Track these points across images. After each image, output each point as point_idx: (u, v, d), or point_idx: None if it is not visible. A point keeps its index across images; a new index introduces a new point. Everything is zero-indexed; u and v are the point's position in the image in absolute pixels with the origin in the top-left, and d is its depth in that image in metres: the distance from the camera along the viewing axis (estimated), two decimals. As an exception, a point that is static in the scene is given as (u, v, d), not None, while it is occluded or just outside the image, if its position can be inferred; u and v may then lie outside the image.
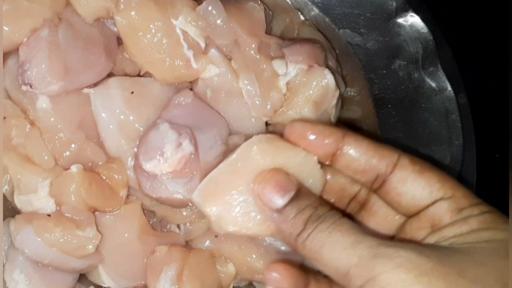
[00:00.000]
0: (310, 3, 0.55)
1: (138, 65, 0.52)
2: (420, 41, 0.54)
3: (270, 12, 0.55)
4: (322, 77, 0.50)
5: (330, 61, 0.55)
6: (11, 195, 0.52)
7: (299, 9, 0.56)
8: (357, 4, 0.54)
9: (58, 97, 0.50)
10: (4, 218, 0.52)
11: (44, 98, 0.50)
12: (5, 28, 0.49)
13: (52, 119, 0.50)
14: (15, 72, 0.50)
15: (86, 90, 0.51)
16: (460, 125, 0.54)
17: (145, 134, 0.50)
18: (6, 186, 0.52)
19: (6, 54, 0.51)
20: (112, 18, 0.51)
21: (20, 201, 0.51)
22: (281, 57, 0.51)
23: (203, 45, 0.51)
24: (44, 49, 0.48)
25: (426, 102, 0.55)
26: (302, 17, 0.56)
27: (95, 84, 0.52)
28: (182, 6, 0.50)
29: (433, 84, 0.54)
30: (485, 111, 0.59)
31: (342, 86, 0.55)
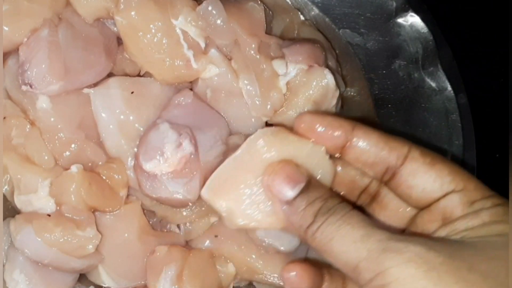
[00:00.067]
0: (310, 3, 0.55)
1: (138, 65, 0.52)
2: (420, 41, 0.54)
3: (270, 12, 0.55)
4: (322, 77, 0.50)
5: (330, 61, 0.54)
6: (11, 195, 0.51)
7: (299, 9, 0.56)
8: (357, 4, 0.54)
9: (58, 97, 0.50)
10: (4, 218, 0.52)
11: (44, 98, 0.50)
12: (5, 28, 0.49)
13: (52, 119, 0.50)
14: (15, 72, 0.50)
15: (86, 90, 0.51)
16: (460, 125, 0.54)
17: (145, 134, 0.50)
18: (6, 186, 0.52)
19: (6, 54, 0.51)
20: (112, 18, 0.51)
21: (20, 201, 0.51)
22: (281, 57, 0.51)
23: (203, 45, 0.51)
24: (44, 49, 0.48)
25: (426, 102, 0.55)
26: (302, 17, 0.56)
27: (95, 84, 0.51)
28: (182, 6, 0.50)
29: (433, 84, 0.54)
30: (485, 111, 0.59)
31: (342, 86, 0.55)
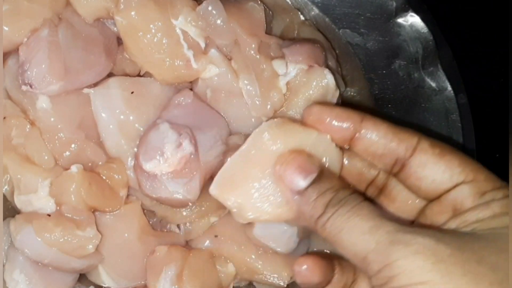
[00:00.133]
0: (310, 3, 0.55)
1: (138, 65, 0.52)
2: (420, 41, 0.54)
3: (270, 12, 0.55)
4: (322, 77, 0.50)
5: (330, 61, 0.54)
6: (11, 195, 0.51)
7: (299, 9, 0.56)
8: (357, 4, 0.54)
9: (58, 97, 0.50)
10: (4, 218, 0.52)
11: (44, 98, 0.50)
12: (5, 28, 0.49)
13: (52, 119, 0.50)
14: (15, 72, 0.50)
15: (86, 90, 0.51)
16: (460, 125, 0.54)
17: (145, 134, 0.50)
18: (6, 186, 0.52)
19: (6, 54, 0.51)
20: (112, 18, 0.51)
21: (20, 201, 0.51)
22: (281, 57, 0.51)
23: (203, 45, 0.51)
24: (44, 49, 0.48)
25: (426, 102, 0.55)
26: (302, 17, 0.56)
27: (95, 84, 0.51)
28: (182, 6, 0.50)
29: (433, 84, 0.54)
30: (485, 111, 0.59)
31: (342, 86, 0.55)
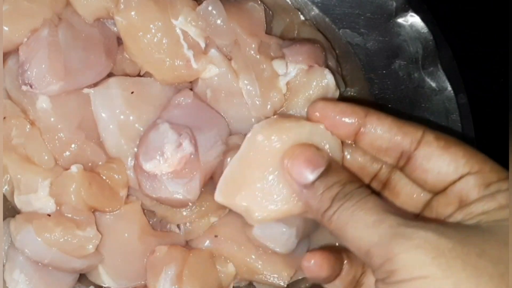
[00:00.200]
0: (310, 3, 0.55)
1: (138, 65, 0.52)
2: (420, 41, 0.54)
3: (270, 12, 0.55)
4: (322, 77, 0.50)
5: (330, 61, 0.54)
6: (11, 195, 0.51)
7: (299, 9, 0.56)
8: (357, 4, 0.54)
9: (58, 97, 0.50)
10: (4, 218, 0.52)
11: (44, 98, 0.50)
12: (5, 28, 0.49)
13: (52, 119, 0.50)
14: (15, 72, 0.50)
15: (86, 90, 0.51)
16: (460, 125, 0.54)
17: (145, 134, 0.50)
18: (6, 186, 0.52)
19: (6, 54, 0.51)
20: (112, 18, 0.51)
21: (20, 201, 0.51)
22: (281, 57, 0.51)
23: (203, 45, 0.51)
24: (44, 49, 0.48)
25: (426, 102, 0.55)
26: (302, 17, 0.56)
27: (95, 84, 0.51)
28: (182, 6, 0.50)
29: (433, 84, 0.54)
30: (485, 111, 0.59)
31: (342, 86, 0.55)
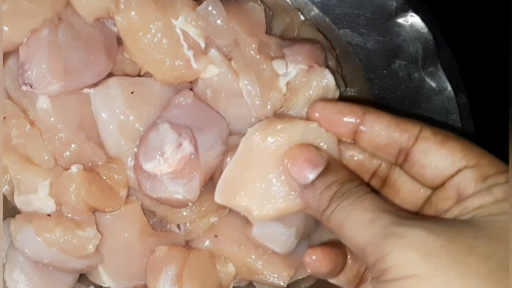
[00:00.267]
0: (310, 3, 0.55)
1: (138, 65, 0.52)
2: (420, 41, 0.54)
3: (270, 12, 0.55)
4: (322, 77, 0.50)
5: (330, 61, 0.54)
6: (11, 195, 0.52)
7: (299, 9, 0.56)
8: (357, 4, 0.54)
9: (58, 97, 0.50)
10: (4, 218, 0.52)
11: (44, 98, 0.50)
12: (5, 28, 0.49)
13: (52, 119, 0.50)
14: (15, 72, 0.50)
15: (86, 90, 0.51)
16: (460, 125, 0.54)
17: (145, 134, 0.50)
18: (6, 186, 0.52)
19: (6, 54, 0.51)
20: (112, 18, 0.51)
21: (20, 201, 0.51)
22: (281, 57, 0.51)
23: (203, 45, 0.51)
24: (44, 49, 0.48)
25: (426, 102, 0.55)
26: (302, 17, 0.56)
27: (95, 84, 0.51)
28: (182, 6, 0.50)
29: (433, 84, 0.54)
30: (485, 111, 0.59)
31: (342, 86, 0.55)
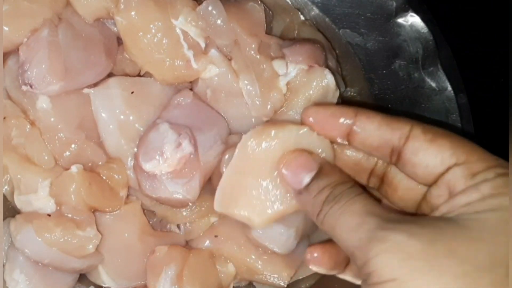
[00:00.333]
0: (310, 3, 0.55)
1: (138, 65, 0.52)
2: (420, 41, 0.54)
3: (270, 12, 0.55)
4: (322, 77, 0.50)
5: (330, 61, 0.54)
6: (11, 195, 0.52)
7: (299, 9, 0.56)
8: (357, 4, 0.54)
9: (58, 97, 0.50)
10: (4, 218, 0.52)
11: (44, 98, 0.50)
12: (5, 28, 0.49)
13: (52, 119, 0.50)
14: (15, 72, 0.50)
15: (86, 90, 0.51)
16: (460, 125, 0.54)
17: (145, 134, 0.50)
18: (6, 186, 0.52)
19: (6, 54, 0.51)
20: (112, 18, 0.51)
21: (20, 201, 0.51)
22: (281, 57, 0.51)
23: (203, 45, 0.51)
24: (44, 49, 0.48)
25: (426, 102, 0.55)
26: (302, 17, 0.56)
27: (95, 84, 0.51)
28: (182, 6, 0.50)
29: (433, 84, 0.54)
30: (485, 111, 0.59)
31: (342, 86, 0.55)
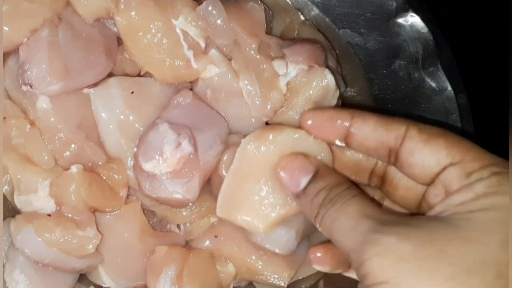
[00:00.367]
0: (310, 3, 0.55)
1: (138, 65, 0.52)
2: (420, 41, 0.54)
3: (270, 12, 0.55)
4: (322, 77, 0.50)
5: (330, 61, 0.54)
6: (11, 195, 0.52)
7: (299, 9, 0.56)
8: (357, 4, 0.54)
9: (58, 97, 0.50)
10: (4, 218, 0.52)
11: (44, 98, 0.50)
12: (5, 28, 0.49)
13: (52, 119, 0.50)
14: (15, 72, 0.50)
15: (86, 90, 0.51)
16: (460, 125, 0.54)
17: (145, 134, 0.50)
18: (6, 186, 0.52)
19: (6, 54, 0.51)
20: (112, 18, 0.51)
21: (20, 201, 0.51)
22: (281, 57, 0.51)
23: (203, 45, 0.51)
24: (44, 49, 0.48)
25: (426, 102, 0.55)
26: (302, 17, 0.56)
27: (95, 84, 0.51)
28: (182, 6, 0.50)
29: (433, 84, 0.54)
30: (485, 111, 0.59)
31: (342, 86, 0.55)
